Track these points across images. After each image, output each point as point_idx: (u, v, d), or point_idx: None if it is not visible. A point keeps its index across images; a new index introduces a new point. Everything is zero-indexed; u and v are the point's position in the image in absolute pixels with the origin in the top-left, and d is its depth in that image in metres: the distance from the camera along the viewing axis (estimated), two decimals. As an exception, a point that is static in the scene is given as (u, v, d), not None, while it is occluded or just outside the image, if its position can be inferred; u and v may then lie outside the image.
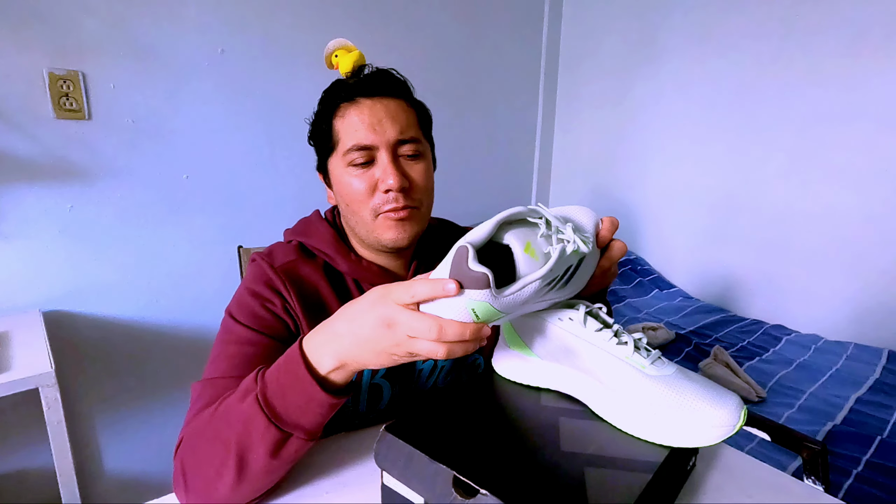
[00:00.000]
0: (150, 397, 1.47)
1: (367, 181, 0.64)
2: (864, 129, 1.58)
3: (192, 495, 0.49)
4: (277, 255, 0.68)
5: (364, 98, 0.65)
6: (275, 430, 0.47)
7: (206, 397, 0.55)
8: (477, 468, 0.42)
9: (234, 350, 0.59)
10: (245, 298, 0.64)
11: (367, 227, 0.66)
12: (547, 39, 2.35)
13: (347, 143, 0.64)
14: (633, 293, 2.04)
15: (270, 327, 0.62)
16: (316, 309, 0.65)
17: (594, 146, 2.37)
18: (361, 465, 0.57)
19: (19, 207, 1.21)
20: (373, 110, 0.64)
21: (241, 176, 1.53)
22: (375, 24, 1.75)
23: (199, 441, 0.50)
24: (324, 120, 0.68)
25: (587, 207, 0.59)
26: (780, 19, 1.72)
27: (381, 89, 0.66)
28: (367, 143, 0.64)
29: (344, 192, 0.66)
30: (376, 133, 0.64)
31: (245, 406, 0.48)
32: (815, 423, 1.17)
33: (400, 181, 0.63)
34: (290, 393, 0.48)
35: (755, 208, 1.86)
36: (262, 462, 0.48)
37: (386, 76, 0.68)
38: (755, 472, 0.57)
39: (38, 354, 1.01)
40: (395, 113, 0.65)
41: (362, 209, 0.65)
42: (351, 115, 0.65)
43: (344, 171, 0.66)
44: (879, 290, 1.61)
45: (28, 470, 1.30)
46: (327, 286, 0.67)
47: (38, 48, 1.18)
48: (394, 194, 0.64)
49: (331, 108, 0.67)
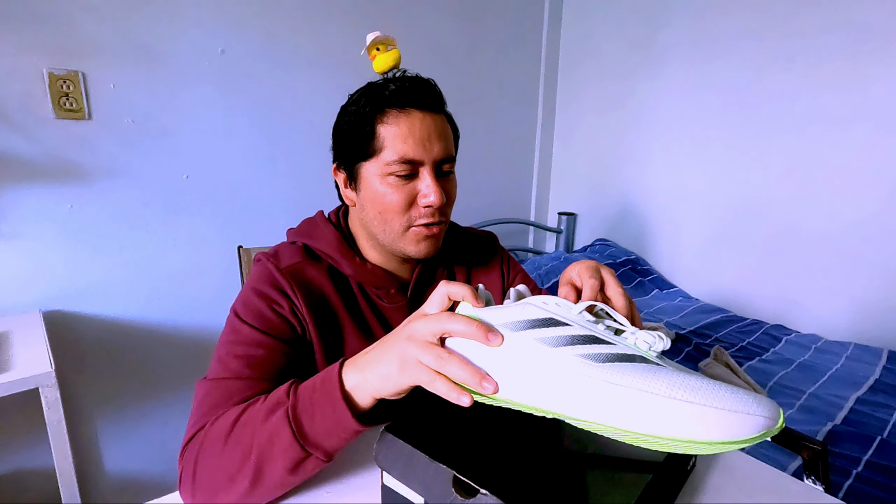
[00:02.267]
0: (150, 397, 1.47)
1: (408, 194, 0.64)
2: (865, 130, 1.58)
3: (199, 496, 0.49)
4: (283, 256, 0.67)
5: (416, 110, 0.64)
6: (298, 447, 0.47)
7: (213, 398, 0.55)
8: (477, 468, 0.42)
9: (242, 351, 0.59)
10: (252, 299, 0.63)
11: (394, 236, 0.66)
12: (547, 41, 2.35)
13: (394, 153, 0.62)
14: (634, 293, 2.04)
15: (278, 329, 0.62)
16: (322, 312, 0.65)
17: (594, 147, 2.37)
18: (361, 465, 0.57)
19: (19, 207, 1.21)
20: (423, 124, 0.63)
21: (241, 176, 1.53)
22: (375, 26, 1.73)
23: (217, 444, 0.50)
24: (366, 121, 0.64)
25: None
26: (781, 21, 1.72)
27: (430, 103, 0.65)
28: (416, 157, 0.63)
29: (378, 200, 0.65)
30: (425, 149, 0.63)
31: (275, 419, 0.48)
32: (815, 423, 1.17)
33: (442, 198, 0.64)
34: (319, 414, 0.47)
35: (755, 209, 1.86)
36: (279, 476, 0.48)
37: (432, 89, 0.66)
38: (755, 472, 0.57)
39: (38, 354, 1.01)
40: (441, 130, 0.65)
41: (396, 220, 0.65)
42: (401, 124, 0.63)
43: (382, 180, 0.64)
44: (879, 291, 1.61)
45: (28, 470, 1.30)
46: (332, 289, 0.67)
47: (38, 48, 1.18)
48: (432, 210, 0.64)
49: (376, 111, 0.64)
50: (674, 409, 0.35)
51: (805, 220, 1.74)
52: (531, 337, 0.41)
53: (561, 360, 0.39)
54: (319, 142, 1.64)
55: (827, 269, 1.71)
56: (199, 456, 0.50)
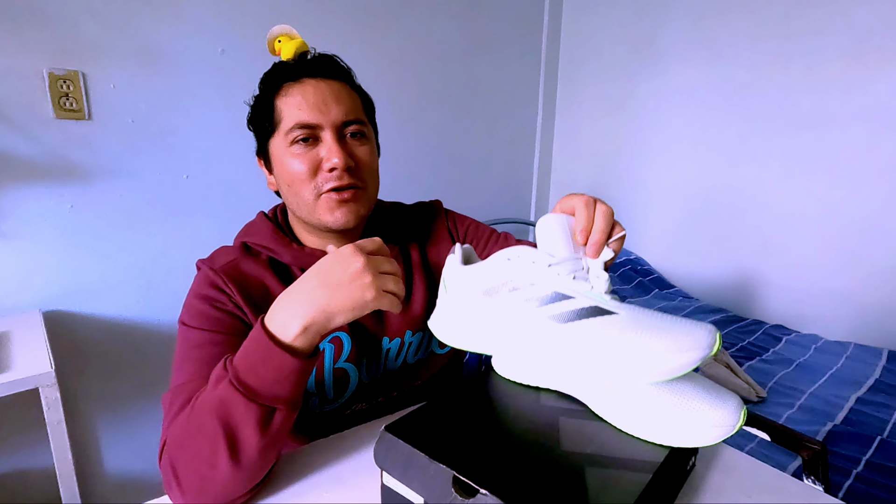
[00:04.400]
0: (150, 397, 1.47)
1: (311, 160, 0.64)
2: (864, 130, 1.58)
3: (187, 494, 0.49)
4: (218, 258, 0.68)
5: (309, 78, 0.65)
6: (256, 406, 0.47)
7: (178, 403, 0.55)
8: (477, 468, 0.42)
9: (196, 354, 0.59)
10: (194, 304, 0.63)
11: (308, 207, 0.66)
12: (547, 40, 2.35)
13: (290, 122, 0.64)
14: (633, 293, 2.04)
15: (225, 325, 0.62)
16: (263, 301, 0.65)
17: (594, 148, 2.37)
18: (361, 465, 0.57)
19: (19, 207, 1.21)
20: (317, 89, 0.64)
21: (241, 176, 1.53)
22: (376, 27, 1.75)
23: (183, 439, 0.50)
24: (265, 100, 0.67)
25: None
26: (780, 21, 1.72)
27: (325, 71, 0.66)
28: (312, 121, 0.63)
29: (286, 173, 0.66)
30: (321, 112, 0.64)
31: (220, 392, 0.48)
32: (815, 423, 1.17)
33: (345, 160, 0.64)
34: (261, 368, 0.48)
35: (755, 209, 1.86)
36: (254, 441, 0.48)
37: (329, 59, 0.68)
38: (755, 472, 0.57)
39: (38, 354, 1.01)
40: (339, 94, 0.66)
41: (304, 189, 0.65)
42: (295, 93, 0.64)
43: (286, 151, 0.65)
44: (879, 291, 1.61)
45: (28, 470, 1.30)
46: (273, 279, 0.67)
47: (38, 48, 1.18)
48: (338, 172, 0.64)
49: (273, 88, 0.66)
50: (624, 357, 0.43)
51: (805, 220, 1.74)
52: (506, 300, 0.49)
53: (537, 321, 0.46)
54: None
55: (827, 269, 1.71)
56: (172, 458, 0.50)
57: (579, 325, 0.44)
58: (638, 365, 0.40)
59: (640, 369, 0.40)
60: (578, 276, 0.46)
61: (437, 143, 2.03)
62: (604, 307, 0.44)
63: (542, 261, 0.46)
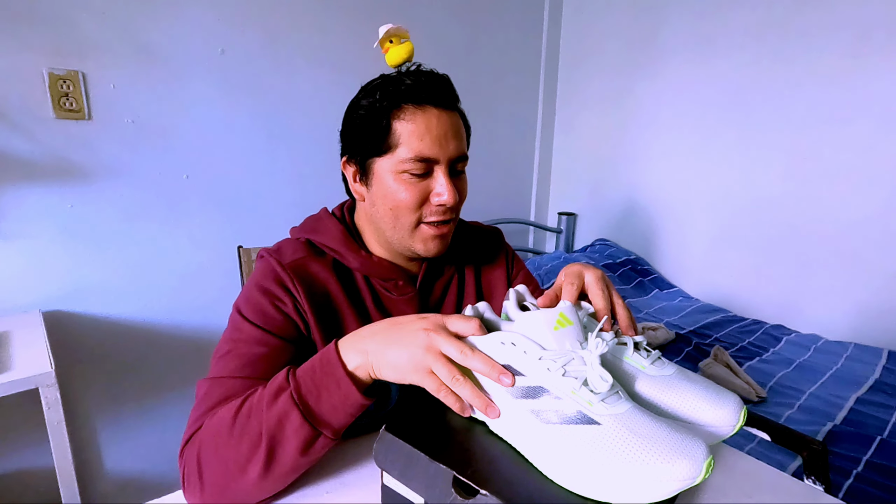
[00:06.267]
0: (150, 397, 1.47)
1: (421, 192, 0.64)
2: (865, 129, 1.58)
3: (207, 492, 0.50)
4: (286, 251, 0.67)
5: (432, 107, 0.63)
6: (308, 427, 0.48)
7: (214, 396, 0.55)
8: (477, 468, 0.42)
9: (243, 349, 0.59)
10: (255, 295, 0.63)
11: (404, 233, 0.66)
12: (547, 39, 2.35)
13: (410, 151, 0.62)
14: (633, 293, 2.04)
15: (280, 327, 0.61)
16: (325, 307, 0.65)
17: (594, 146, 2.37)
18: (361, 465, 0.57)
19: (20, 207, 1.21)
20: (440, 122, 0.63)
21: (241, 176, 1.53)
22: (375, 24, 1.74)
23: (222, 437, 0.50)
24: (381, 115, 0.63)
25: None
26: (781, 18, 1.72)
27: (448, 100, 0.65)
28: (432, 156, 0.62)
29: (391, 197, 0.64)
30: (441, 148, 0.62)
31: (280, 404, 0.49)
32: (815, 423, 1.17)
33: (455, 199, 0.64)
34: (325, 392, 0.49)
35: (755, 208, 1.86)
36: (291, 458, 0.49)
37: (449, 86, 0.66)
38: (755, 472, 0.57)
39: (38, 354, 1.01)
40: (457, 129, 0.65)
41: (407, 217, 0.64)
42: (419, 121, 0.62)
43: (397, 176, 0.63)
44: (879, 291, 1.61)
45: (28, 470, 1.30)
46: (336, 283, 0.66)
47: (38, 48, 1.18)
48: (444, 209, 0.65)
49: (392, 106, 0.63)
50: (596, 478, 0.40)
51: (805, 219, 1.74)
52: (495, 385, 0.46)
53: (518, 411, 0.44)
54: (320, 141, 1.64)
55: (827, 269, 1.71)
56: (201, 452, 0.51)
57: (560, 431, 0.42)
58: (605, 488, 0.39)
59: (610, 493, 0.39)
60: (569, 373, 0.43)
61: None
62: (589, 414, 0.41)
63: (533, 352, 0.44)
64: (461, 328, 0.48)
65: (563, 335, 0.45)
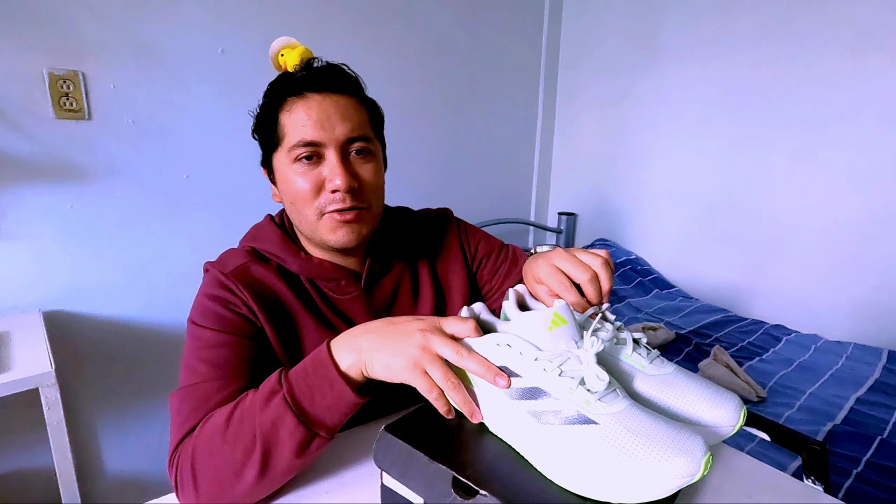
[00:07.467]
0: (150, 397, 1.47)
1: (314, 180, 0.63)
2: (865, 129, 1.58)
3: (203, 498, 0.50)
4: (228, 261, 0.67)
5: (313, 93, 0.63)
6: (303, 429, 0.48)
7: (190, 404, 0.55)
8: (477, 468, 0.42)
9: (208, 355, 0.58)
10: (206, 304, 0.63)
11: (311, 226, 0.65)
12: (547, 39, 2.35)
13: (293, 138, 0.62)
14: (633, 293, 2.04)
15: (238, 327, 0.61)
16: (275, 308, 0.64)
17: (594, 146, 2.37)
18: (361, 465, 0.57)
19: (20, 207, 1.21)
20: (322, 106, 0.62)
21: (241, 176, 1.53)
22: (375, 24, 1.74)
23: (215, 443, 0.50)
24: (269, 113, 0.65)
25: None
26: (781, 19, 1.72)
27: (330, 85, 0.63)
28: (315, 139, 0.61)
29: (288, 190, 0.65)
30: (325, 130, 0.61)
31: (273, 406, 0.49)
32: (815, 423, 1.17)
33: (348, 182, 0.62)
34: (318, 393, 0.49)
35: (755, 208, 1.86)
36: (287, 461, 0.49)
37: (336, 71, 0.65)
38: (755, 472, 0.57)
39: (38, 354, 1.01)
40: (344, 110, 0.63)
41: (307, 208, 0.64)
42: (298, 109, 0.62)
43: (289, 168, 0.64)
44: (879, 291, 1.61)
45: (28, 470, 1.30)
46: (284, 286, 0.66)
47: (38, 48, 1.18)
48: (341, 195, 0.62)
49: (277, 102, 0.64)
50: (594, 477, 0.40)
51: (805, 219, 1.74)
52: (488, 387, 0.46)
53: (516, 413, 0.44)
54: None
55: (827, 269, 1.71)
56: (195, 459, 0.50)
57: (558, 432, 0.41)
58: (605, 488, 0.39)
59: (610, 493, 0.39)
60: (566, 373, 0.43)
61: (438, 143, 2.03)
62: (587, 414, 0.41)
63: (528, 353, 0.44)
64: (457, 330, 0.48)
65: (559, 335, 0.45)
